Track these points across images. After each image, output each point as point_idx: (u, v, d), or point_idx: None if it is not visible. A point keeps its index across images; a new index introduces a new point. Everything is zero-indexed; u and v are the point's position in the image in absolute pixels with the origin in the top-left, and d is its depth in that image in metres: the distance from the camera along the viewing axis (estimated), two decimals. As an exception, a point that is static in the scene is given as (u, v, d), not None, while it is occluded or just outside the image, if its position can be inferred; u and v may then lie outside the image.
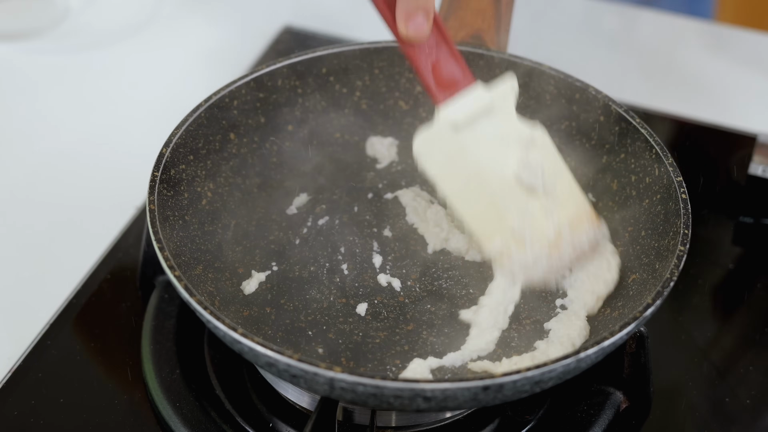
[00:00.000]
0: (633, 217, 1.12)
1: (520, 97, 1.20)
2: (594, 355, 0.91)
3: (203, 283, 1.05)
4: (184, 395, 1.06)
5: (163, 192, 1.05)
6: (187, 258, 1.05)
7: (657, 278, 1.00)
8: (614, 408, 1.07)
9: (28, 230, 1.27)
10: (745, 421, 1.10)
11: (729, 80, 1.58)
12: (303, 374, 0.88)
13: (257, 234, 1.14)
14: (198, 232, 1.09)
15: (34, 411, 1.05)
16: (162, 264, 0.96)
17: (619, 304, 1.06)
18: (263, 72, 1.18)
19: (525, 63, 1.20)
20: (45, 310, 1.15)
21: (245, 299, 1.08)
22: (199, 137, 1.12)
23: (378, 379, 0.87)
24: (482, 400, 0.89)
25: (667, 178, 1.07)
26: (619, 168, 1.15)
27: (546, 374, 0.89)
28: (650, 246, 1.07)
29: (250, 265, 1.11)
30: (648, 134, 1.11)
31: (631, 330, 0.93)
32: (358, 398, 0.89)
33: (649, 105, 1.49)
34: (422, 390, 0.87)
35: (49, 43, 1.56)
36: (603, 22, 1.67)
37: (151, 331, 1.12)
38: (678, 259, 0.98)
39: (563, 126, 1.20)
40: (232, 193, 1.16)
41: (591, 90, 1.17)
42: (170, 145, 1.08)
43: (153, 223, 1.00)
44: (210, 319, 0.92)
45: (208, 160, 1.14)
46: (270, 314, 1.06)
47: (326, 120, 1.23)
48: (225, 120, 1.15)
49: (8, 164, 1.37)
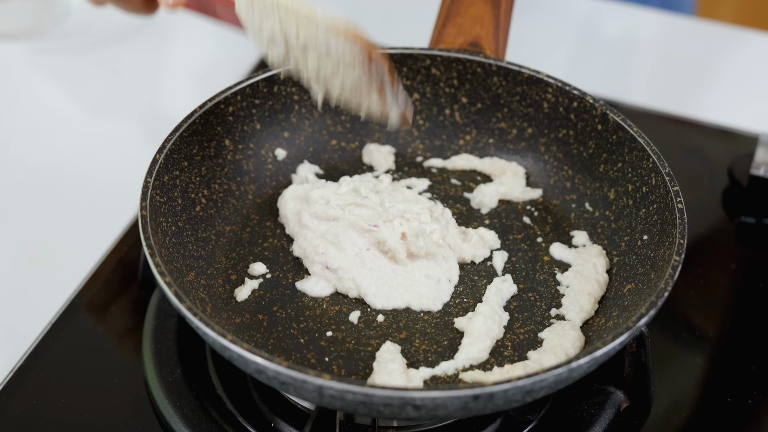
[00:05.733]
0: (629, 227, 1.11)
1: (520, 105, 1.21)
2: (586, 365, 0.90)
3: (195, 290, 1.04)
4: (185, 395, 1.06)
5: (156, 198, 1.04)
6: (180, 264, 1.05)
7: (652, 288, 0.99)
8: (615, 407, 1.07)
9: (30, 230, 1.27)
10: (747, 421, 1.09)
11: (731, 80, 1.57)
12: (292, 381, 0.88)
13: (251, 241, 1.14)
14: (191, 238, 1.09)
15: (36, 410, 1.06)
16: (153, 270, 0.96)
17: (614, 314, 1.05)
18: (259, 78, 1.18)
19: (523, 71, 1.20)
20: (47, 310, 1.15)
21: (238, 306, 1.07)
22: (193, 143, 1.12)
23: (367, 387, 0.86)
24: (473, 409, 0.88)
25: (663, 188, 1.06)
26: (617, 177, 1.14)
27: (537, 384, 0.88)
28: (646, 256, 1.06)
29: (243, 272, 1.10)
30: (645, 143, 1.10)
31: (624, 340, 0.92)
32: (348, 406, 0.88)
33: (650, 105, 1.49)
34: (412, 398, 0.86)
35: (49, 44, 1.56)
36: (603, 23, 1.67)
37: (153, 331, 1.12)
38: (673, 269, 0.97)
39: (561, 134, 1.20)
40: (227, 199, 1.15)
41: (589, 98, 1.16)
42: (164, 151, 1.07)
43: (145, 229, 0.99)
44: (199, 325, 0.91)
45: (203, 166, 1.13)
46: (262, 321, 1.06)
47: (323, 127, 1.23)
48: (220, 126, 1.15)
49: (10, 163, 1.37)
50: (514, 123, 1.22)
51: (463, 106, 1.23)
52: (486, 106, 1.23)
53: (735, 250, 1.31)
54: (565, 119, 1.19)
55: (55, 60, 1.55)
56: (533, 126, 1.21)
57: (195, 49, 1.58)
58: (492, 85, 1.22)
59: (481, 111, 1.23)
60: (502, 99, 1.22)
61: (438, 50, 1.21)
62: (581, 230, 1.16)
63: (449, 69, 1.22)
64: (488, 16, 1.24)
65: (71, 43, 1.56)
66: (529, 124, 1.22)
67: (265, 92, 1.18)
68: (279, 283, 1.10)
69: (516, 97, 1.21)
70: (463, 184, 1.22)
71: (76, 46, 1.56)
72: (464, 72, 1.22)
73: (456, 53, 1.21)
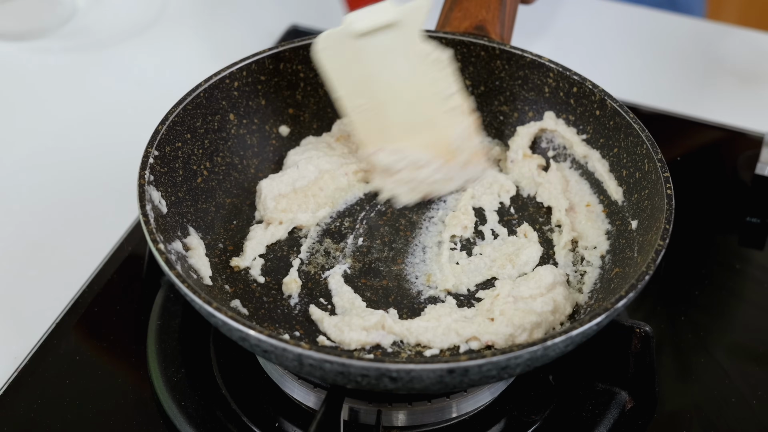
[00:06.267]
0: (622, 212, 1.13)
1: (521, 89, 1.22)
2: (562, 344, 0.91)
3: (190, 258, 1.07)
4: (189, 394, 1.07)
5: (156, 168, 1.07)
6: (177, 233, 1.07)
7: (635, 272, 1.00)
8: (619, 408, 1.08)
9: (33, 229, 1.28)
10: (752, 421, 1.09)
11: (736, 80, 1.57)
12: (273, 350, 0.90)
13: (251, 213, 1.16)
14: (191, 209, 1.11)
15: (40, 409, 1.06)
16: (147, 238, 0.98)
17: (600, 297, 1.06)
18: (265, 55, 1.20)
19: (526, 55, 1.21)
20: (51, 310, 1.16)
21: (233, 276, 1.09)
22: (197, 116, 1.14)
23: (344, 357, 0.88)
24: (449, 383, 0.90)
25: (654, 174, 1.07)
26: (612, 162, 1.16)
27: (512, 360, 0.90)
28: (635, 240, 1.08)
29: (240, 243, 1.13)
30: (640, 129, 1.11)
31: (601, 321, 0.93)
32: (327, 376, 0.90)
33: (656, 104, 1.49)
34: (387, 369, 0.88)
35: (56, 43, 1.57)
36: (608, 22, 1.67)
37: (157, 331, 1.13)
38: (656, 253, 0.98)
39: (561, 118, 1.21)
40: (229, 173, 1.17)
41: (588, 84, 1.17)
42: (166, 122, 1.10)
43: (141, 197, 1.02)
44: (187, 292, 0.93)
45: (206, 139, 1.15)
46: (255, 291, 1.08)
47: (327, 105, 1.24)
48: (225, 101, 1.17)
49: (15, 163, 1.38)
50: (515, 106, 1.24)
51: (466, 89, 1.24)
52: (488, 89, 1.24)
53: (739, 250, 1.32)
54: (565, 104, 1.20)
55: (60, 60, 1.55)
56: (534, 110, 1.23)
57: (200, 49, 1.58)
58: (495, 69, 1.23)
59: (483, 94, 1.24)
60: (504, 83, 1.23)
61: (443, 33, 1.23)
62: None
63: (453, 52, 1.23)
64: (494, 1, 1.25)
65: (76, 43, 1.57)
66: (530, 108, 1.23)
67: (271, 69, 1.20)
68: (275, 255, 1.12)
69: (518, 81, 1.22)
70: None
71: (81, 46, 1.57)
72: (468, 55, 1.23)
73: (460, 36, 1.23)
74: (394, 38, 1.13)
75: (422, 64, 1.14)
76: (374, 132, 1.15)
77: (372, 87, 1.15)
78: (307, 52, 1.21)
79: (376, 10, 1.12)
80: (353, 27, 1.12)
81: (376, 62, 1.14)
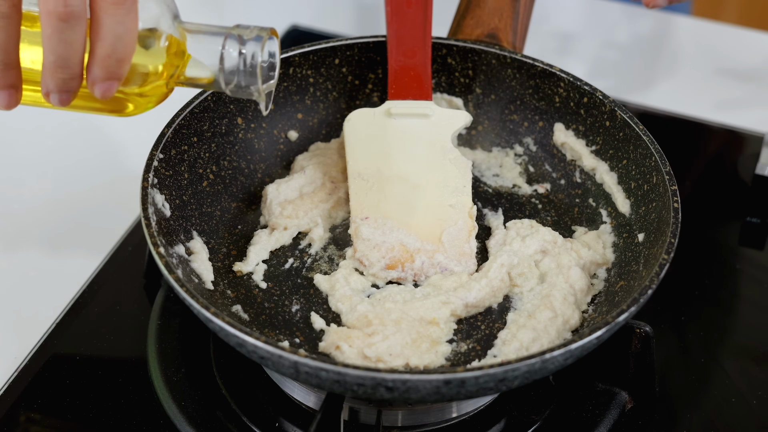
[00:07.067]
0: (629, 224, 1.12)
1: (532, 98, 1.21)
2: (561, 357, 0.91)
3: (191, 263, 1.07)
4: (189, 394, 1.07)
5: (160, 171, 1.07)
6: (181, 236, 1.07)
7: (639, 285, 0.99)
8: (619, 408, 1.07)
9: (33, 230, 1.27)
10: (752, 421, 1.09)
11: (736, 80, 1.56)
12: (269, 356, 0.90)
13: (256, 218, 1.16)
14: (195, 213, 1.11)
15: (40, 410, 1.06)
16: (147, 241, 0.98)
17: (604, 310, 1.05)
18: (275, 59, 1.19)
19: (537, 64, 1.20)
20: (51, 310, 1.16)
21: (235, 281, 1.09)
22: (204, 120, 1.14)
23: (340, 366, 0.88)
24: (445, 394, 0.90)
25: (662, 186, 1.06)
26: (621, 174, 1.15)
27: (510, 373, 0.89)
28: (641, 253, 1.07)
29: (244, 248, 1.13)
30: (649, 141, 1.10)
31: (602, 335, 0.92)
32: (324, 384, 0.90)
33: (656, 105, 1.48)
34: (383, 379, 0.87)
35: None
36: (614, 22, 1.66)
37: (157, 331, 1.13)
38: (660, 267, 0.97)
39: (570, 129, 1.20)
40: (236, 177, 1.17)
41: (599, 94, 1.16)
42: (173, 125, 1.10)
43: (144, 200, 1.02)
44: (185, 296, 0.93)
45: (213, 143, 1.15)
46: (256, 296, 1.08)
47: (336, 110, 1.24)
48: (233, 104, 1.17)
49: (16, 163, 1.37)
50: (525, 115, 1.23)
51: (477, 97, 1.24)
52: (499, 97, 1.23)
53: (739, 250, 1.31)
54: (575, 114, 1.19)
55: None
56: (544, 119, 1.22)
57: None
58: (506, 77, 1.22)
59: (494, 102, 1.24)
60: (515, 91, 1.22)
61: (455, 40, 1.22)
62: (582, 226, 1.16)
63: (465, 59, 1.22)
64: (507, 9, 1.25)
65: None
66: (540, 118, 1.22)
67: (280, 73, 1.20)
68: (279, 261, 1.12)
69: (529, 90, 1.22)
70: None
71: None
72: (479, 63, 1.22)
73: (472, 44, 1.22)
74: (425, 127, 1.17)
75: (443, 159, 1.16)
76: (369, 203, 1.13)
77: (384, 162, 1.16)
78: (317, 58, 1.21)
79: (419, 105, 1.17)
80: (391, 109, 1.18)
81: (398, 141, 1.16)
